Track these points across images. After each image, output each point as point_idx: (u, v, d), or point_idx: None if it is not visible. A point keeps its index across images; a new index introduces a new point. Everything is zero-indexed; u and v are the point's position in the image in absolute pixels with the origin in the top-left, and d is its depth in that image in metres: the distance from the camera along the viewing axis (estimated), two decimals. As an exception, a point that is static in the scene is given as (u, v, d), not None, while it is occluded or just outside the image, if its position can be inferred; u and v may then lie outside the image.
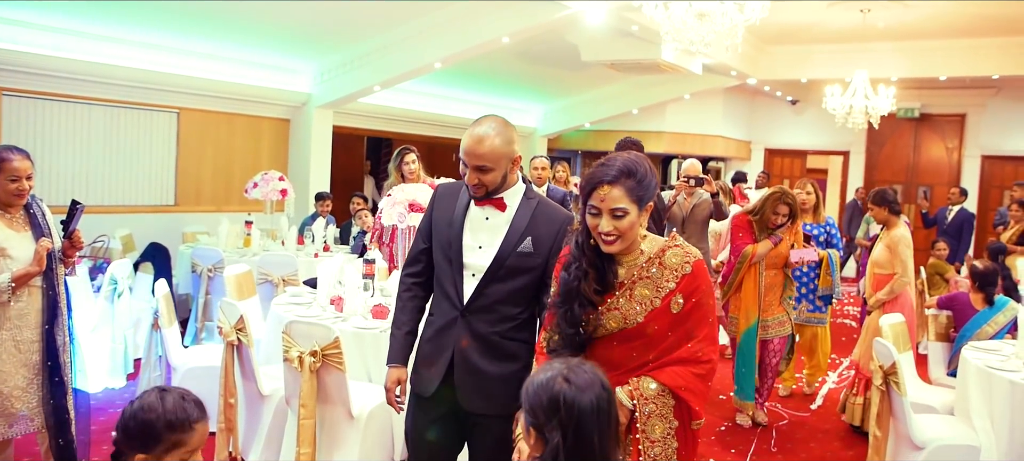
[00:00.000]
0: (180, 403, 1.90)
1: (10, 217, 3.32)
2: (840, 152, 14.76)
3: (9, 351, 3.27)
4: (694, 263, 2.14)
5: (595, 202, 2.10)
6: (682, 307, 2.11)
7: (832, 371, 6.52)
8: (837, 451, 4.80)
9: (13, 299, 3.25)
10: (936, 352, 5.08)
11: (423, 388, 2.58)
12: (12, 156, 3.25)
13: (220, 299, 6.05)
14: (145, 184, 8.47)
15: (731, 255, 5.08)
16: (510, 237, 2.49)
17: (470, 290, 2.50)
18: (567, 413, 1.53)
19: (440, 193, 2.66)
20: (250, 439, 4.13)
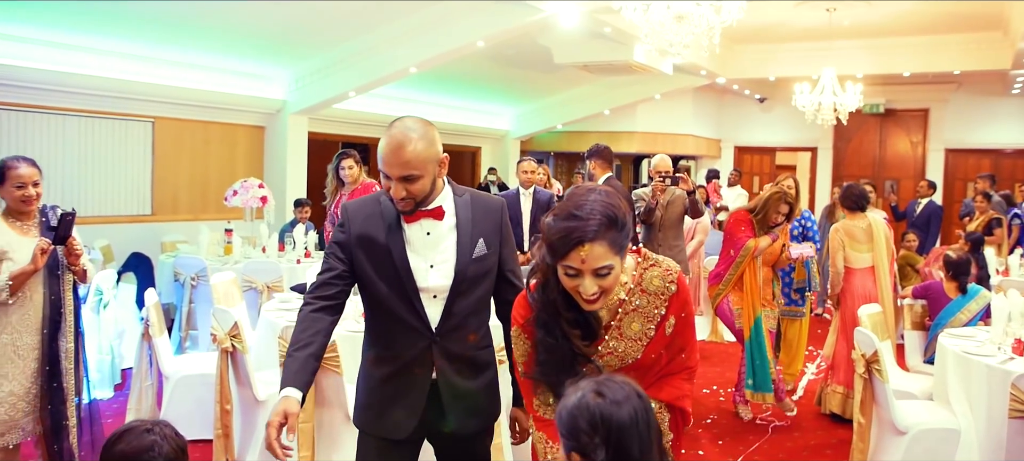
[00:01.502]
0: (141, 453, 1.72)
1: (21, 224, 3.38)
2: (808, 148, 15.05)
3: (9, 356, 3.28)
4: (677, 280, 1.98)
5: (574, 263, 1.78)
6: (674, 326, 1.97)
7: (810, 362, 6.67)
8: (822, 439, 4.93)
9: (15, 302, 3.27)
10: (912, 340, 5.24)
11: (394, 431, 2.29)
12: (18, 164, 3.33)
13: (205, 308, 6.08)
14: (122, 194, 8.39)
15: (731, 250, 5.14)
16: (462, 246, 2.25)
17: (437, 313, 2.25)
18: (606, 429, 1.50)
19: (353, 211, 2.29)
20: (246, 445, 4.13)
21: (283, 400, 2.07)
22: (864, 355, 4.01)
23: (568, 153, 15.41)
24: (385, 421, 2.30)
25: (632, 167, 16.17)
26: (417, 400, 2.28)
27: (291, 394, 2.09)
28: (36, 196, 3.38)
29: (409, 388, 2.28)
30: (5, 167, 3.33)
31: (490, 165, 13.69)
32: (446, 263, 2.25)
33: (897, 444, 3.94)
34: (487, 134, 13.99)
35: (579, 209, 1.78)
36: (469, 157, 14.53)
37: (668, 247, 5.61)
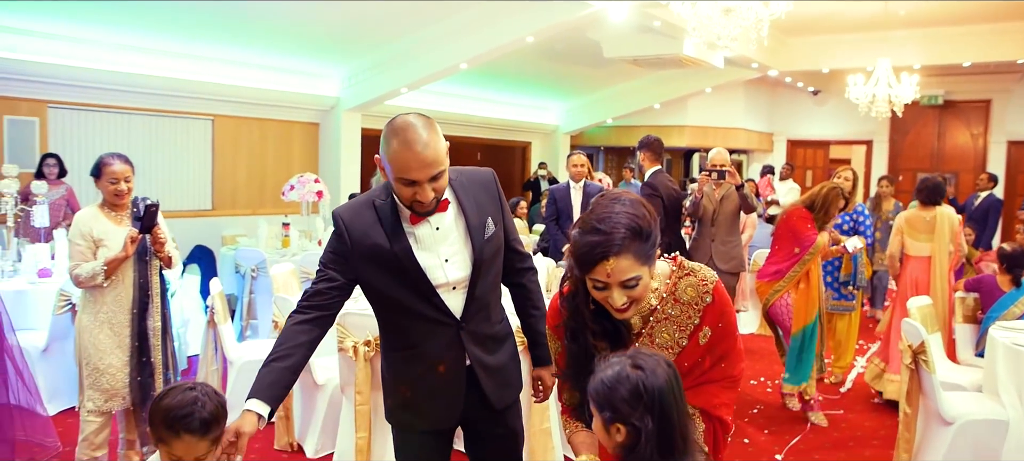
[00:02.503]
0: (186, 405, 1.85)
1: (116, 215, 3.70)
2: (863, 141, 14.80)
3: (106, 332, 3.62)
4: (714, 291, 1.94)
5: (600, 277, 1.78)
6: (710, 337, 1.94)
7: (860, 356, 6.63)
8: (868, 429, 4.93)
9: (109, 285, 3.60)
10: (964, 334, 5.18)
11: (438, 422, 2.31)
12: (113, 161, 3.64)
13: (264, 298, 6.33)
14: (183, 189, 8.76)
15: (796, 247, 5.02)
16: (474, 232, 2.21)
17: (459, 303, 2.22)
18: (649, 398, 1.60)
19: (349, 220, 2.17)
20: (306, 427, 4.34)
21: (242, 415, 1.95)
22: (911, 346, 4.02)
23: (618, 148, 15.42)
24: (429, 415, 2.29)
25: (683, 161, 16.10)
26: (458, 388, 2.27)
27: (254, 408, 1.96)
28: (128, 190, 3.69)
29: (447, 379, 2.25)
30: (102, 163, 3.65)
31: (540, 160, 13.79)
32: (459, 254, 2.20)
33: (944, 434, 3.94)
34: (537, 129, 14.09)
35: (602, 222, 1.76)
36: (519, 152, 14.66)
37: (722, 242, 5.59)
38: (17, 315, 4.94)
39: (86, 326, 3.64)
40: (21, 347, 3.89)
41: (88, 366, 3.63)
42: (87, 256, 3.57)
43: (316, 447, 4.26)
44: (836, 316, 5.85)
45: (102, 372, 3.61)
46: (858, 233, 5.70)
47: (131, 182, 3.69)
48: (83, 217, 3.64)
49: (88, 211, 3.69)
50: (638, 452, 1.61)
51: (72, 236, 3.62)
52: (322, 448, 4.27)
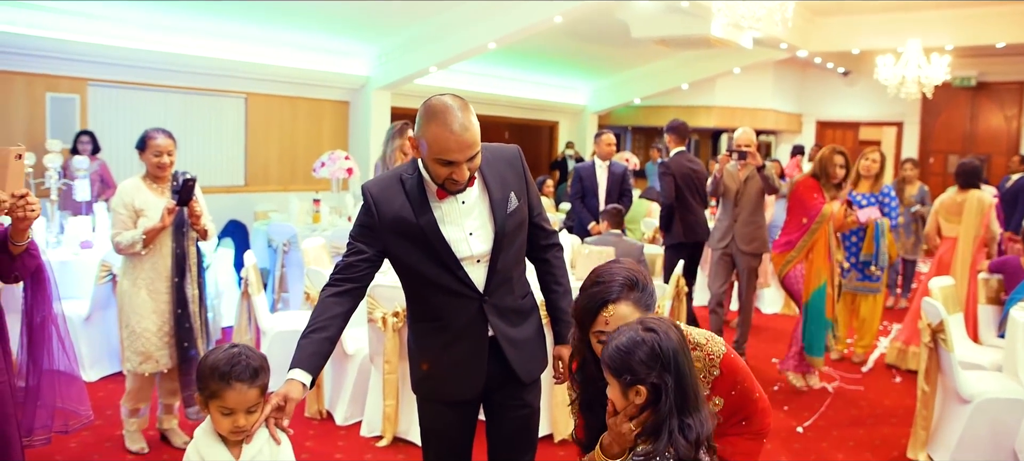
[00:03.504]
0: (233, 357, 1.94)
1: (157, 187, 3.87)
2: (893, 123, 14.65)
3: (144, 298, 3.81)
4: (721, 363, 1.98)
5: (602, 327, 1.90)
6: (724, 405, 1.99)
7: (883, 336, 6.66)
8: (887, 407, 4.98)
9: (148, 253, 3.78)
10: (986, 315, 5.21)
11: (461, 393, 2.37)
12: (156, 135, 3.82)
13: (295, 272, 6.50)
14: (217, 166, 8.96)
15: (803, 218, 5.09)
16: (497, 207, 2.27)
17: (482, 276, 2.29)
18: (666, 357, 1.71)
19: (377, 194, 2.26)
20: (336, 396, 4.49)
21: (287, 383, 2.05)
22: (930, 325, 4.07)
23: (645, 128, 15.41)
24: (451, 386, 2.35)
25: (710, 142, 16.05)
26: (480, 359, 2.32)
27: (298, 377, 2.07)
28: (170, 164, 3.87)
29: (470, 351, 2.31)
30: (147, 137, 3.82)
31: (567, 140, 13.84)
32: (483, 228, 2.27)
33: (961, 412, 4.00)
34: (564, 109, 14.13)
35: (600, 277, 1.95)
36: (546, 132, 14.71)
37: (744, 223, 5.58)
38: (61, 285, 5.11)
39: (125, 291, 3.85)
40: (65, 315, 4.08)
41: (127, 328, 3.84)
42: (128, 225, 3.75)
43: (345, 415, 4.41)
44: (859, 297, 5.87)
45: (138, 335, 3.80)
46: (885, 215, 5.67)
47: (173, 156, 3.86)
48: (126, 188, 3.82)
49: (131, 182, 3.86)
50: (659, 409, 1.72)
51: (114, 205, 3.80)
52: (351, 416, 4.42)
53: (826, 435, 4.49)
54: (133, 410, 3.97)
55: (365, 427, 4.27)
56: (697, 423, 1.73)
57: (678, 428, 1.71)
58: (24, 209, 2.36)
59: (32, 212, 2.39)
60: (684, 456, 1.70)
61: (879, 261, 5.68)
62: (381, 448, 4.08)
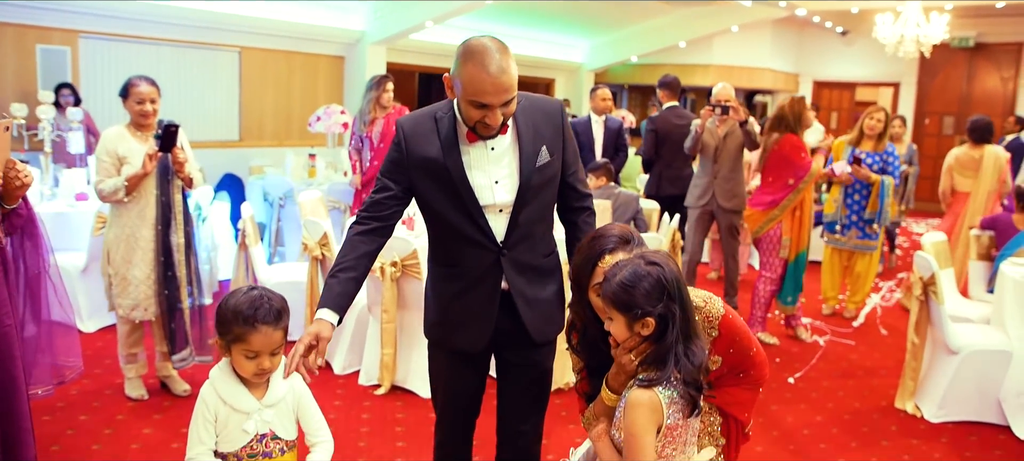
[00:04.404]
0: (256, 300, 1.93)
1: (141, 135, 3.86)
2: (890, 84, 14.61)
3: (130, 245, 3.82)
4: (720, 324, 2.00)
5: (599, 279, 1.93)
6: (721, 363, 2.02)
7: (875, 293, 6.73)
8: (877, 360, 5.07)
9: (131, 201, 3.78)
10: (976, 271, 5.27)
11: (468, 344, 2.34)
12: (139, 83, 3.80)
13: (291, 225, 6.52)
14: (211, 120, 8.91)
15: (790, 178, 5.11)
16: (526, 158, 2.21)
17: (502, 227, 2.24)
18: (671, 287, 1.76)
19: (409, 130, 2.23)
20: (334, 345, 4.54)
21: (317, 323, 2.06)
22: (921, 278, 4.12)
23: (642, 86, 15.34)
24: (458, 335, 2.33)
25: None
26: (490, 313, 2.28)
27: (326, 317, 2.07)
28: (153, 112, 3.85)
29: (481, 302, 2.28)
30: (129, 84, 3.80)
31: (564, 97, 13.79)
32: (510, 178, 2.21)
33: (949, 363, 4.07)
34: (561, 66, 14.05)
35: (596, 234, 2.01)
36: (543, 88, 14.64)
37: (724, 179, 5.56)
38: (57, 237, 5.15)
39: (112, 239, 3.85)
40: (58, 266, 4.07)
41: (116, 276, 3.85)
42: (112, 172, 3.75)
43: (343, 364, 4.47)
44: (857, 255, 5.86)
45: (128, 282, 3.83)
46: (886, 173, 5.66)
47: (157, 104, 3.84)
48: (110, 135, 3.81)
49: (115, 130, 3.84)
50: (666, 339, 1.76)
51: (98, 153, 3.80)
52: (349, 365, 4.48)
53: (816, 386, 4.57)
54: (129, 355, 4.00)
55: (363, 376, 4.32)
56: (698, 349, 1.78)
57: (684, 353, 1.75)
58: (18, 178, 2.38)
59: (26, 178, 2.41)
60: (690, 379, 1.75)
61: (883, 219, 5.66)
62: (379, 396, 4.14)
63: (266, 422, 2.01)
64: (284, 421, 2.05)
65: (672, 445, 1.78)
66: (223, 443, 1.98)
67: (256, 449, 2.00)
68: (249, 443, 1.99)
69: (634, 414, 1.74)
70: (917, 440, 3.88)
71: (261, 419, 2.01)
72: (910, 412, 4.18)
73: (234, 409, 1.98)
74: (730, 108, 5.38)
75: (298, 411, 2.10)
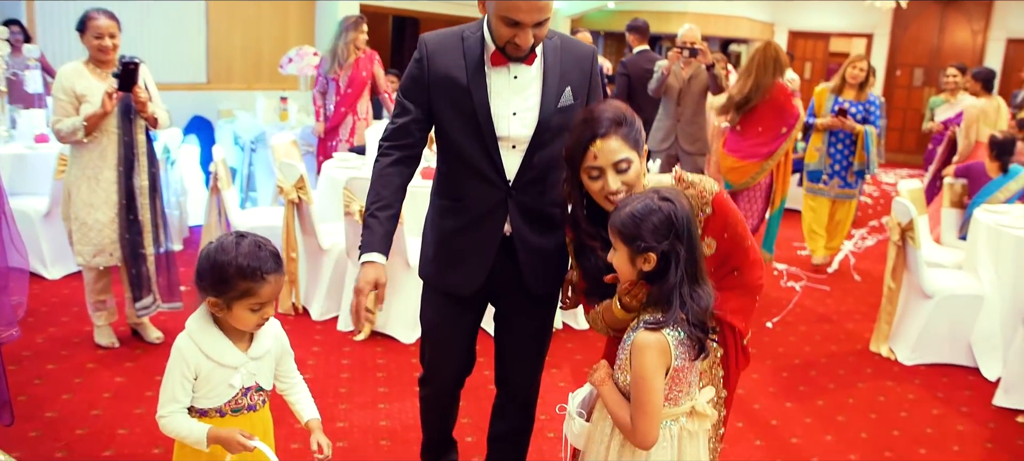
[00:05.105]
0: (255, 251, 1.81)
1: (100, 72, 3.66)
2: (864, 34, 14.64)
3: (91, 186, 3.64)
4: (714, 201, 1.94)
5: (591, 163, 1.89)
6: (716, 248, 1.96)
7: (848, 241, 6.82)
8: (852, 305, 5.14)
9: (91, 141, 3.60)
10: (949, 217, 5.34)
11: (461, 286, 2.23)
12: (98, 16, 3.58)
13: (263, 170, 6.39)
14: (177, 62, 8.64)
15: (783, 125, 5.06)
16: (548, 94, 2.11)
17: (514, 165, 2.13)
18: (680, 226, 1.71)
19: (433, 45, 2.12)
20: (312, 291, 4.48)
21: (371, 267, 2.04)
22: (900, 224, 4.16)
23: (618, 33, 15.20)
24: (452, 276, 2.22)
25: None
26: (487, 255, 2.19)
27: (378, 260, 2.05)
28: (113, 47, 3.63)
29: (480, 243, 2.19)
30: (86, 17, 3.58)
31: (537, 44, 13.62)
32: (529, 111, 2.11)
33: (923, 308, 4.13)
34: (534, 13, 13.85)
35: (588, 116, 1.92)
36: (516, 36, 14.45)
37: (688, 123, 5.51)
38: (17, 180, 4.98)
39: (73, 181, 3.67)
40: (12, 212, 3.91)
41: (76, 221, 3.68)
42: (69, 111, 3.56)
43: (321, 310, 4.40)
44: (838, 202, 5.83)
45: (90, 226, 3.66)
46: (868, 122, 5.63)
47: (117, 39, 3.63)
48: (66, 72, 3.60)
49: (72, 66, 3.64)
50: (668, 278, 1.72)
51: (54, 91, 3.60)
52: (327, 311, 4.41)
53: (794, 330, 4.63)
54: (97, 303, 3.86)
55: (342, 322, 4.27)
56: (705, 293, 1.75)
57: (690, 295, 1.72)
58: None
59: None
60: (696, 321, 1.72)
61: (871, 168, 5.64)
62: (359, 342, 4.09)
63: (252, 375, 1.92)
64: (267, 372, 1.97)
65: (678, 387, 1.77)
66: (204, 399, 1.87)
67: (241, 403, 1.91)
68: (234, 397, 1.89)
69: (642, 357, 1.70)
70: (892, 382, 3.95)
71: (247, 372, 1.91)
72: (884, 355, 4.25)
73: (219, 364, 1.86)
74: (698, 51, 5.31)
75: (280, 359, 2.01)
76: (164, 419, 1.83)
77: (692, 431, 1.81)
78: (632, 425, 1.72)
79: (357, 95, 5.74)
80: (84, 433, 3.07)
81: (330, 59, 5.77)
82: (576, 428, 1.92)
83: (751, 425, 3.42)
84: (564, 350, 4.07)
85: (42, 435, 3.03)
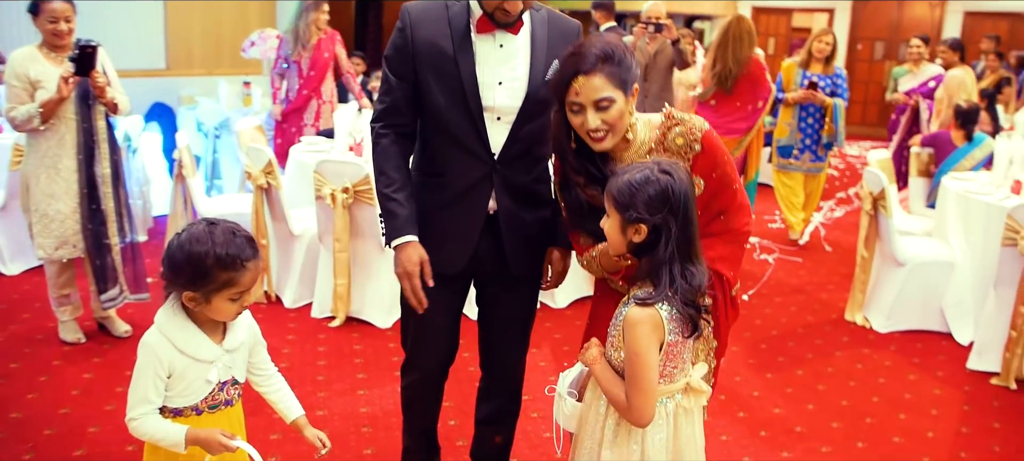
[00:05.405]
0: (231, 239, 1.72)
1: (56, 56, 3.51)
2: (826, 9, 14.77)
3: (50, 176, 3.51)
4: (702, 138, 1.91)
5: (573, 98, 1.84)
6: (704, 188, 1.92)
7: (817, 213, 6.88)
8: (824, 275, 5.20)
9: (48, 129, 3.46)
10: (917, 186, 5.41)
11: (443, 265, 2.12)
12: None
13: (228, 157, 6.26)
14: (135, 48, 8.40)
15: (760, 100, 5.03)
16: (536, 65, 2.05)
17: (500, 138, 2.07)
18: (676, 200, 1.67)
19: (417, 15, 2.05)
20: (284, 278, 4.39)
21: (411, 247, 2.02)
22: (872, 193, 4.19)
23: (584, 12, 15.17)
24: (435, 254, 2.10)
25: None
26: (472, 233, 2.12)
27: (413, 239, 2.04)
28: (68, 31, 3.49)
29: (464, 219, 2.12)
30: (40, 0, 3.43)
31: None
32: (516, 81, 2.05)
33: (896, 276, 4.18)
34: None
35: (577, 48, 1.85)
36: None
37: (655, 98, 5.47)
38: (-33, 173, 4.82)
39: (31, 171, 3.54)
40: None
41: (36, 212, 3.54)
42: (24, 98, 3.42)
43: (294, 297, 4.32)
44: (808, 177, 5.83)
45: (52, 218, 3.53)
46: (836, 95, 5.64)
47: (72, 22, 3.49)
48: (19, 57, 3.46)
49: (25, 51, 3.50)
50: (657, 252, 1.68)
51: (7, 77, 3.45)
52: (300, 298, 4.33)
53: (769, 302, 4.66)
54: (61, 297, 3.73)
55: (316, 308, 4.20)
56: (698, 272, 1.71)
57: (681, 273, 1.68)
58: None
59: None
60: (687, 300, 1.68)
61: (839, 141, 5.66)
62: (334, 328, 4.03)
63: (228, 368, 1.83)
64: (242, 364, 1.89)
65: (673, 363, 1.74)
66: (179, 398, 1.77)
67: (218, 398, 1.82)
68: (211, 393, 1.80)
69: (635, 332, 1.67)
70: (868, 349, 4.00)
71: (223, 365, 1.82)
72: (859, 324, 4.30)
73: (194, 359, 1.76)
74: (663, 26, 5.28)
75: (253, 350, 1.92)
76: (135, 422, 1.72)
77: (687, 408, 1.79)
78: (628, 403, 1.70)
79: (320, 77, 5.62)
80: (52, 433, 2.97)
81: (292, 40, 5.62)
82: (567, 409, 1.88)
83: (733, 398, 3.43)
84: (543, 329, 4.04)
85: (7, 437, 2.92)
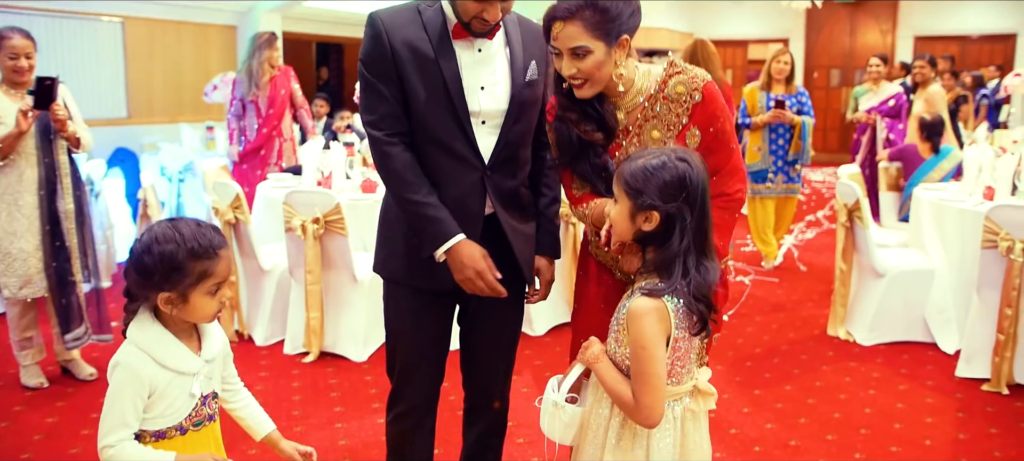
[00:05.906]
0: (197, 229, 1.62)
1: (15, 92, 3.45)
2: (780, 40, 15.09)
3: (11, 213, 3.42)
4: (704, 88, 1.86)
5: (553, 42, 1.82)
6: (700, 140, 1.87)
7: (788, 234, 6.91)
8: (803, 293, 5.18)
9: (7, 164, 3.38)
10: (887, 201, 5.45)
11: (441, 282, 2.00)
12: (12, 35, 3.41)
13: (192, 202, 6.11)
14: (95, 97, 8.25)
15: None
16: (516, 67, 2.01)
17: (489, 143, 2.01)
18: (693, 189, 1.60)
19: (389, 20, 1.95)
20: (254, 315, 4.25)
21: (467, 245, 1.93)
22: (846, 205, 4.19)
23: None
24: (424, 268, 2.00)
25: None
26: (472, 238, 1.98)
27: (465, 237, 1.94)
28: (28, 68, 3.45)
29: (461, 226, 1.97)
30: (0, 37, 3.38)
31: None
32: (498, 85, 2.00)
33: (876, 287, 4.17)
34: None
35: None
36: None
37: None
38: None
39: None
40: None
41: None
42: None
43: (265, 335, 4.18)
44: (782, 200, 5.81)
45: (14, 257, 3.43)
46: (803, 113, 5.66)
47: (33, 59, 3.46)
48: None
49: None
50: (671, 243, 1.60)
51: None
52: (272, 335, 4.19)
53: (750, 320, 4.62)
54: (23, 341, 3.59)
55: (288, 344, 4.06)
56: (712, 267, 1.64)
57: (695, 266, 1.61)
58: None
59: None
60: (699, 295, 1.61)
61: (804, 159, 5.66)
62: (308, 364, 3.89)
63: (208, 380, 1.71)
64: (219, 376, 1.77)
65: (680, 362, 1.66)
66: (161, 418, 1.62)
67: (202, 413, 1.69)
68: (194, 409, 1.67)
69: (640, 324, 1.59)
70: (854, 363, 3.96)
71: (205, 377, 1.70)
72: (843, 338, 4.27)
73: (177, 372, 1.63)
74: None
75: (224, 364, 1.80)
76: (112, 450, 1.56)
77: (695, 411, 1.72)
78: (635, 401, 1.61)
79: (279, 115, 5.56)
80: (14, 481, 2.80)
81: (246, 80, 5.54)
82: (566, 417, 1.77)
83: (723, 414, 3.35)
84: (523, 356, 3.94)
85: (-34, 487, 2.75)
